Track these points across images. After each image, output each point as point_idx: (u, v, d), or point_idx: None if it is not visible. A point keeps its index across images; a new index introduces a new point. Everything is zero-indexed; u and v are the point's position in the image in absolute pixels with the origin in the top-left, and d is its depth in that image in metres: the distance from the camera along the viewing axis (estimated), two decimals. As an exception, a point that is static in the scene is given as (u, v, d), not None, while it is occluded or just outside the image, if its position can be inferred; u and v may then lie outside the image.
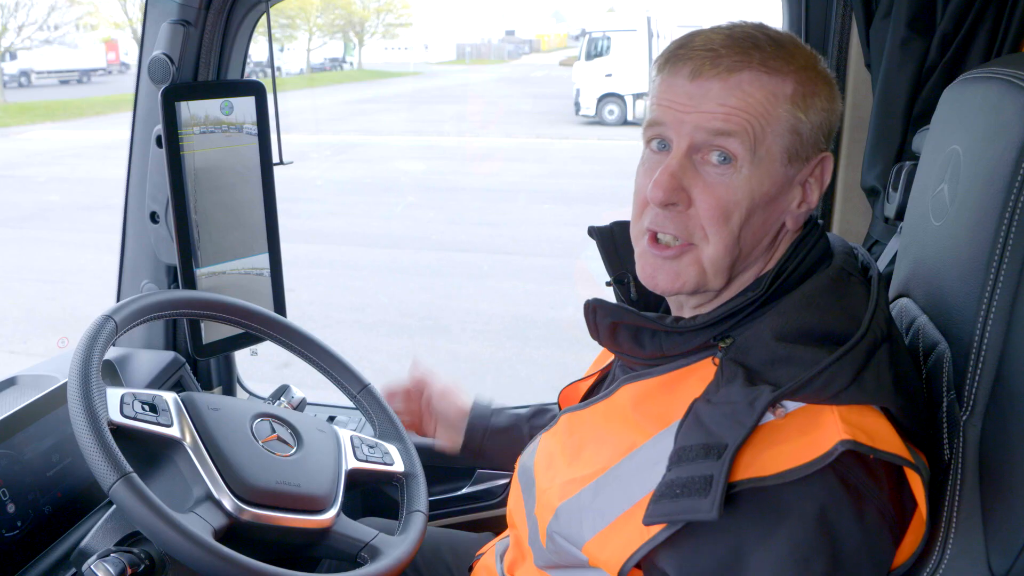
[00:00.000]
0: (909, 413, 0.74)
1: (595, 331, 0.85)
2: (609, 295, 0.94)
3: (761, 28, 0.78)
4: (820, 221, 0.84)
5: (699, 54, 0.76)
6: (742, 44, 0.76)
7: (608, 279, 0.93)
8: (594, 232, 0.93)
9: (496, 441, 1.20)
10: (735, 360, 0.75)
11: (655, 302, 0.92)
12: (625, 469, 0.77)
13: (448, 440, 1.24)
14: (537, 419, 1.22)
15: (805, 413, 0.70)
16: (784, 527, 0.67)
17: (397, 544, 1.07)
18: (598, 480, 0.79)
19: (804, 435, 0.69)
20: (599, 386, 0.99)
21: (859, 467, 0.69)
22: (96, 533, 0.96)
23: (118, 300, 1.48)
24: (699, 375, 0.78)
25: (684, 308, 0.86)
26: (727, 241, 0.77)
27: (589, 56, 14.12)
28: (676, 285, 0.80)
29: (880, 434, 0.69)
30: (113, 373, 1.32)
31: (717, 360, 0.76)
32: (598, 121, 13.62)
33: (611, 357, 0.95)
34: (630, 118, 13.28)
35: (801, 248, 0.80)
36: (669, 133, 0.78)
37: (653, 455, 0.75)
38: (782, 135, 0.76)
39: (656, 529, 0.70)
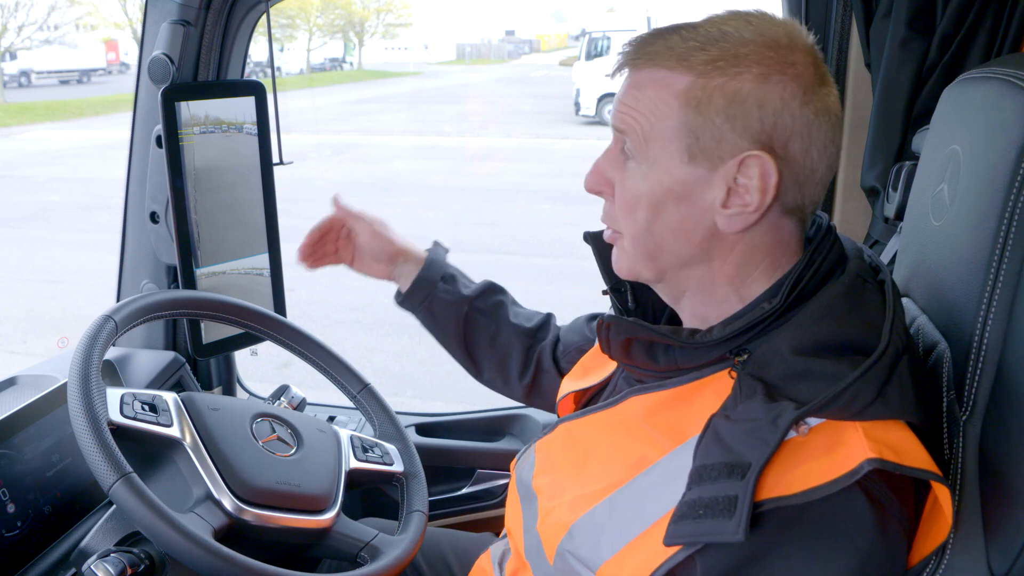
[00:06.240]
0: (929, 423, 0.73)
1: (607, 346, 0.83)
2: (606, 303, 0.93)
3: (700, 23, 0.75)
4: (832, 224, 0.81)
5: (625, 51, 0.77)
6: (657, 41, 0.75)
7: (604, 287, 0.91)
8: (589, 238, 0.90)
9: (435, 307, 1.21)
10: (753, 375, 0.72)
11: (653, 311, 0.90)
12: (641, 485, 0.75)
13: (376, 273, 1.25)
14: (480, 301, 1.20)
15: (828, 429, 0.68)
16: (806, 543, 0.66)
17: (397, 544, 1.07)
18: (612, 496, 0.77)
19: (829, 453, 0.67)
20: (597, 395, 0.96)
21: (883, 482, 0.67)
22: (96, 533, 0.96)
23: (118, 300, 1.48)
24: (713, 388, 0.75)
25: (688, 319, 0.83)
26: (634, 232, 0.78)
27: (589, 56, 14.12)
28: (619, 269, 0.83)
29: (906, 449, 0.68)
30: (113, 373, 1.32)
31: (734, 374, 0.74)
32: (598, 121, 13.59)
33: (610, 366, 0.93)
34: (630, 118, 13.25)
35: (817, 255, 0.77)
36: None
37: (671, 471, 0.73)
38: (675, 134, 0.73)
39: (675, 548, 0.69)
